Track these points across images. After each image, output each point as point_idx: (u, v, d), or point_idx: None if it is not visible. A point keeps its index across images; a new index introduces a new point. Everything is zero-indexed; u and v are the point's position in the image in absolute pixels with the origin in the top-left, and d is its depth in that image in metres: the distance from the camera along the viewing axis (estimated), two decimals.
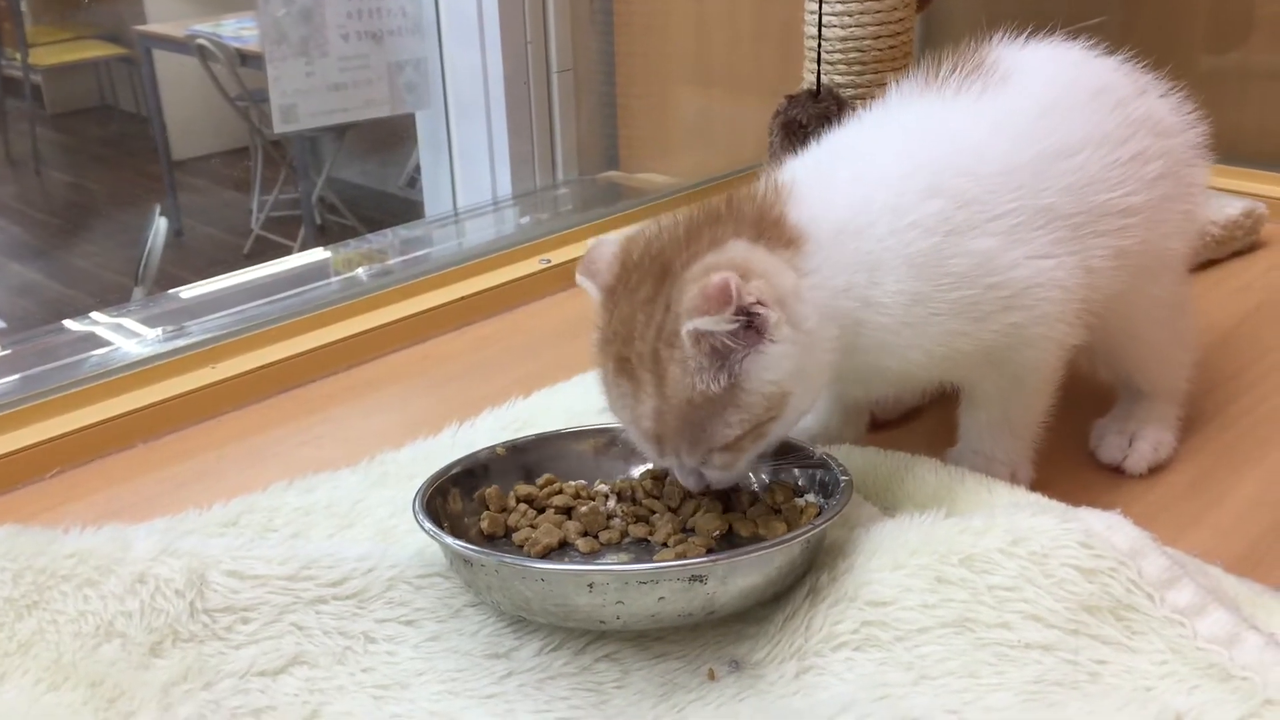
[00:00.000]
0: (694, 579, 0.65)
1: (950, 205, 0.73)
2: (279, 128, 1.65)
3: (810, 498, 0.77)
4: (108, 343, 1.15)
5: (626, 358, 0.70)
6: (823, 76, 1.23)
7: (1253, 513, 0.82)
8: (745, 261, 0.68)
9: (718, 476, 0.73)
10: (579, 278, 0.75)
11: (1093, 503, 0.71)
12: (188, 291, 1.33)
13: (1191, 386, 0.93)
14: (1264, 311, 1.13)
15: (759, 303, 0.67)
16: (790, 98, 1.22)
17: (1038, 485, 0.81)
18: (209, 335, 1.11)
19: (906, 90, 0.82)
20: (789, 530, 0.72)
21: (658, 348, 0.68)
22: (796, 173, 0.77)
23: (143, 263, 2.78)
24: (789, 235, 0.71)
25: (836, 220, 0.73)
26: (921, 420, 0.95)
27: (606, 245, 0.75)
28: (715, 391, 0.68)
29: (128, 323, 1.21)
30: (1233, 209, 1.25)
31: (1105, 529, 0.67)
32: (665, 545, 0.74)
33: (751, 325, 0.67)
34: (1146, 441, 0.88)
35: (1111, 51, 0.85)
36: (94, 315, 1.23)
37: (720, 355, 0.67)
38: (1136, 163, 0.79)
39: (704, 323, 0.66)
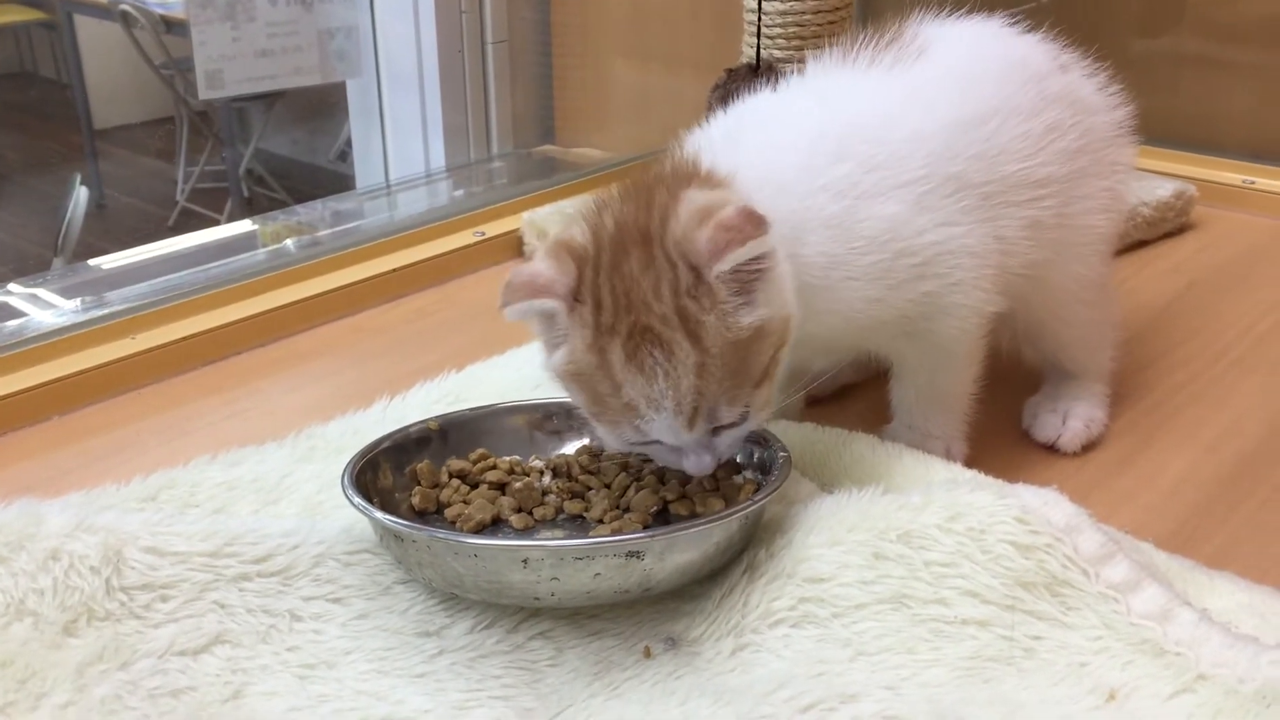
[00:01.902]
0: (631, 555, 0.64)
1: (858, 169, 0.74)
2: (204, 94, 1.61)
3: (748, 474, 0.76)
4: (22, 313, 1.12)
5: (648, 325, 0.65)
6: (762, 51, 1.22)
7: (1183, 490, 0.83)
8: (723, 197, 0.67)
9: (728, 443, 0.70)
10: (525, 305, 0.67)
11: (1027, 480, 0.71)
12: (108, 262, 1.29)
13: (1121, 365, 0.94)
14: (1194, 292, 1.15)
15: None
16: (730, 71, 1.21)
17: (973, 463, 0.82)
18: (129, 305, 1.07)
19: (824, 63, 0.82)
20: (727, 507, 0.71)
21: (682, 304, 0.65)
22: (703, 146, 0.76)
23: (62, 233, 2.71)
24: (719, 182, 0.71)
25: (754, 180, 0.72)
26: (858, 396, 0.95)
27: (537, 264, 0.68)
28: (755, 323, 0.66)
29: (43, 293, 1.17)
30: (1164, 191, 1.26)
31: (1042, 505, 0.67)
32: (601, 522, 0.72)
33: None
34: (1079, 419, 0.89)
35: (1036, 29, 0.85)
36: (9, 286, 1.19)
37: (745, 289, 0.66)
38: (1049, 135, 0.80)
39: (738, 255, 0.64)
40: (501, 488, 0.76)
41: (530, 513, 0.74)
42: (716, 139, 0.77)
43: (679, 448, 0.69)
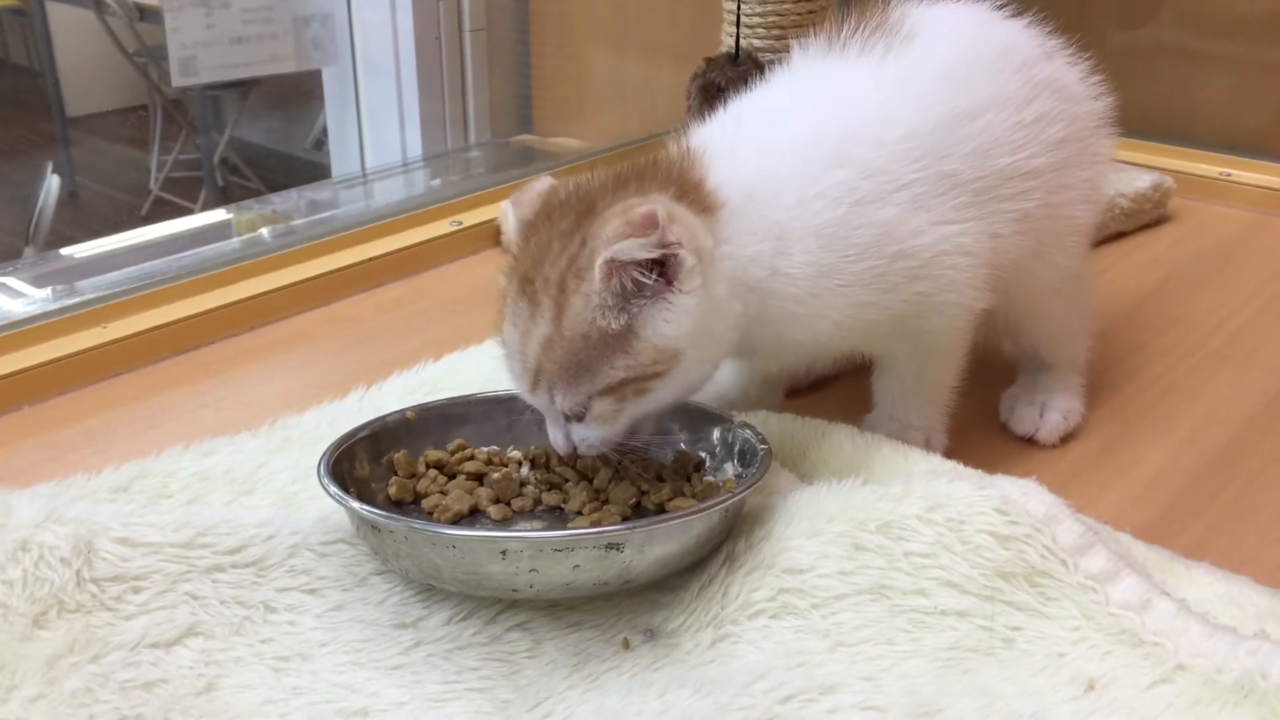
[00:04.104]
0: (610, 547, 0.63)
1: (856, 175, 0.73)
2: (177, 81, 1.58)
3: (729, 467, 0.76)
4: None
5: (531, 280, 0.69)
6: (741, 40, 1.22)
7: (1161, 481, 0.84)
8: (670, 208, 0.67)
9: (586, 437, 0.70)
10: (506, 204, 0.76)
11: (1006, 471, 0.71)
12: (80, 251, 1.28)
13: (1098, 357, 0.95)
14: (1171, 284, 1.15)
15: (678, 243, 0.66)
16: (709, 60, 1.21)
17: (952, 454, 0.81)
18: (101, 294, 1.06)
19: (811, 51, 0.81)
20: (697, 504, 0.71)
21: (566, 277, 0.67)
22: (707, 138, 0.76)
23: (33, 222, 2.68)
24: (706, 200, 0.71)
25: (746, 188, 0.72)
26: (837, 387, 0.95)
27: (540, 182, 0.74)
28: (612, 330, 0.66)
29: (13, 281, 1.16)
30: (1141, 182, 1.27)
31: (1021, 496, 0.67)
32: (580, 514, 0.72)
33: (665, 270, 0.67)
34: (1057, 411, 0.89)
35: (1019, 15, 0.85)
36: None
37: (625, 295, 0.66)
38: (1039, 125, 0.79)
39: (624, 247, 0.65)
40: (479, 478, 0.75)
41: (508, 504, 0.73)
42: (718, 136, 0.76)
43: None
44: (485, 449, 0.78)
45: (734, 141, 0.75)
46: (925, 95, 0.76)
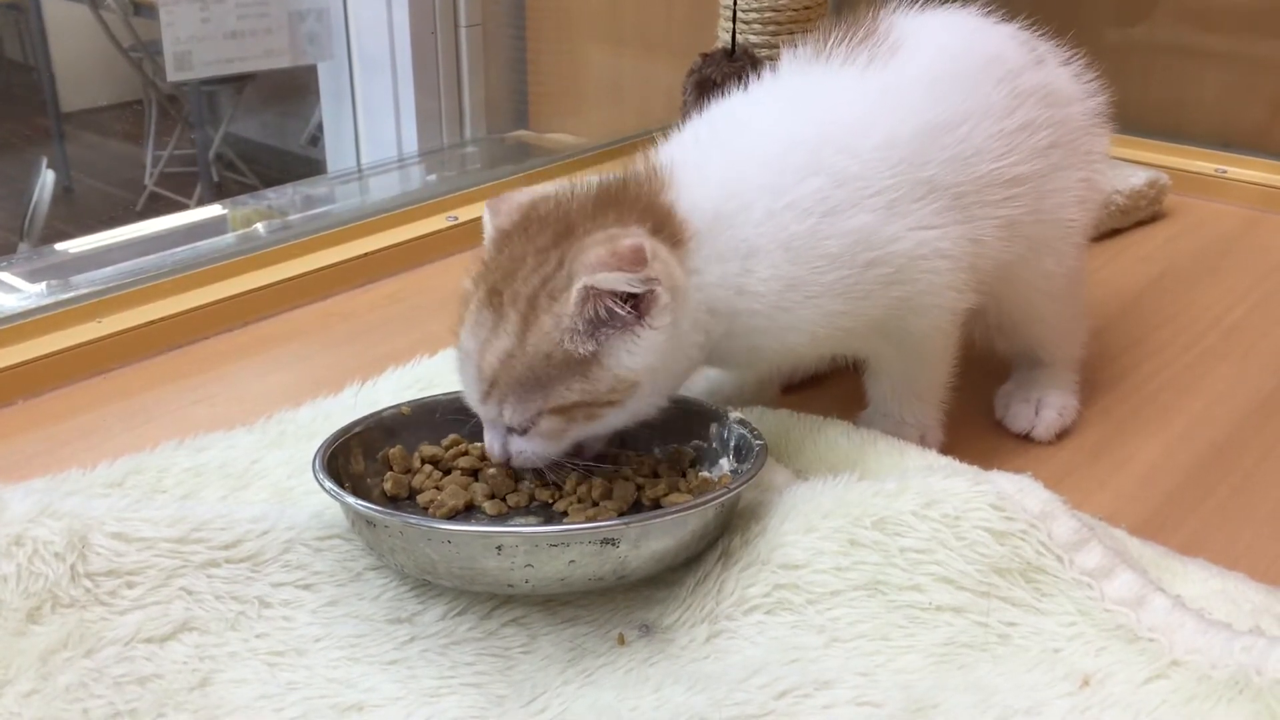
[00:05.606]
0: (606, 542, 0.63)
1: (829, 184, 0.72)
2: (172, 76, 1.58)
3: (724, 462, 0.76)
4: None
5: (500, 291, 0.68)
6: (738, 35, 1.22)
7: (1156, 477, 0.84)
8: (653, 245, 0.67)
9: (524, 449, 0.70)
10: (486, 216, 0.75)
11: (1001, 467, 0.71)
12: (74, 246, 1.28)
13: (1094, 353, 0.95)
14: (1165, 280, 1.15)
15: (658, 280, 0.66)
16: (705, 56, 1.21)
17: (947, 450, 0.82)
18: (95, 289, 1.05)
19: (798, 59, 0.80)
20: (692, 499, 0.71)
21: (538, 294, 0.67)
22: (675, 155, 0.75)
23: (28, 217, 2.67)
24: (678, 233, 0.70)
25: (713, 208, 0.71)
26: (833, 383, 0.95)
27: (520, 193, 0.74)
28: (578, 355, 0.66)
29: (8, 277, 1.16)
30: (1137, 179, 1.27)
31: (1016, 491, 0.67)
32: (578, 502, 0.72)
33: (638, 303, 0.66)
34: (1052, 409, 0.89)
35: (1011, 20, 0.84)
36: None
37: (597, 323, 0.66)
38: (1023, 133, 0.79)
39: (607, 278, 0.65)
40: (474, 474, 0.75)
41: (504, 499, 0.73)
42: (689, 148, 0.76)
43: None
44: (480, 444, 0.77)
45: (706, 153, 0.75)
46: (904, 105, 0.76)
